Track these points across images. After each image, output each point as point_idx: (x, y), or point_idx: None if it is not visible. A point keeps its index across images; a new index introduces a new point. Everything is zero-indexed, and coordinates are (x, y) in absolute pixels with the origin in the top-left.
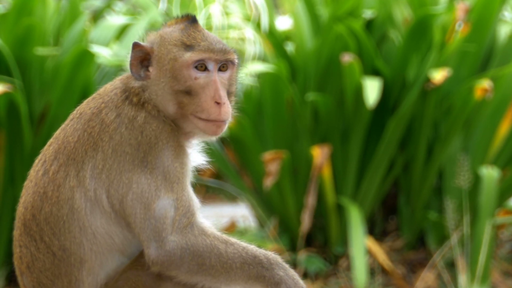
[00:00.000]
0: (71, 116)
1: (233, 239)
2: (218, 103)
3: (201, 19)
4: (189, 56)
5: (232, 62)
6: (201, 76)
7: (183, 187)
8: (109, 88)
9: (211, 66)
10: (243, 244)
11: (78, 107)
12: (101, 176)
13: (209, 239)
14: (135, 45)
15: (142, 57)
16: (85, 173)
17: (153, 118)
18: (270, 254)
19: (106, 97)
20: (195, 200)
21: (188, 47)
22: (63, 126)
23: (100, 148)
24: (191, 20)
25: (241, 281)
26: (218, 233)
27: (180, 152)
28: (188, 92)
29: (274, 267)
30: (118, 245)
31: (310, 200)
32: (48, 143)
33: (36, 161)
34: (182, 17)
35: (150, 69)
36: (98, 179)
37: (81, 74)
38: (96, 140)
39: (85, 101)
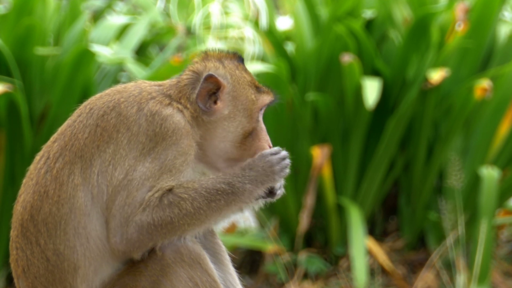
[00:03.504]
0: (78, 112)
1: (198, 184)
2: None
3: (199, 18)
4: (265, 99)
5: None
6: (261, 120)
7: (173, 177)
8: (131, 87)
9: (263, 111)
10: (205, 183)
11: (86, 102)
12: (108, 169)
13: (176, 206)
14: (210, 77)
15: (212, 90)
16: (94, 169)
17: (178, 113)
18: (229, 173)
19: (126, 93)
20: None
21: (259, 89)
22: (69, 122)
23: (114, 140)
24: (240, 59)
25: (217, 216)
26: (186, 187)
27: (187, 151)
28: (251, 133)
29: (238, 186)
30: (111, 251)
31: (309, 200)
32: (52, 139)
33: (38, 157)
34: (229, 53)
35: (219, 103)
36: (105, 172)
37: (81, 74)
38: (111, 132)
39: (97, 96)
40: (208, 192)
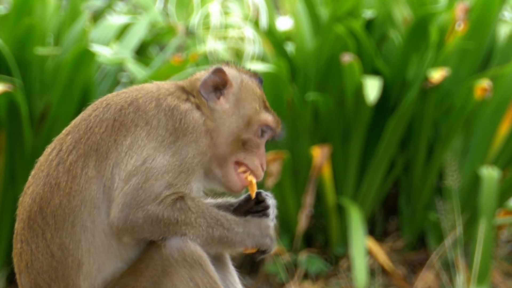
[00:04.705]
0: (94, 107)
1: (205, 206)
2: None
3: (199, 18)
4: (268, 118)
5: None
6: (261, 138)
7: (188, 179)
8: (149, 85)
9: (266, 135)
10: (211, 209)
11: (102, 98)
12: (124, 159)
13: (184, 213)
14: (219, 70)
15: (217, 83)
16: (110, 161)
17: (196, 109)
18: (230, 215)
19: (144, 91)
20: (194, 190)
21: (266, 108)
22: (83, 116)
23: (132, 133)
24: (260, 80)
25: (209, 241)
26: (196, 203)
27: (205, 151)
28: (244, 144)
29: (234, 227)
30: (115, 249)
31: (308, 200)
32: (65, 131)
33: (49, 149)
34: (250, 70)
35: (222, 99)
36: (120, 163)
37: (81, 74)
38: (129, 127)
39: (113, 94)
40: (211, 218)
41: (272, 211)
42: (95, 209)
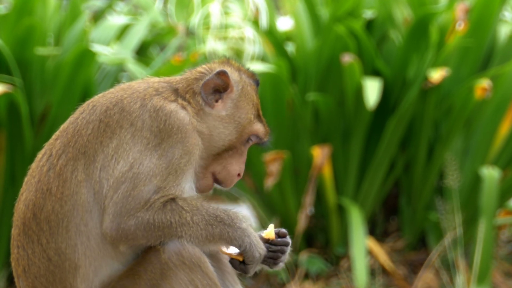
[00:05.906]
0: (81, 109)
1: (200, 204)
2: (238, 175)
3: (199, 18)
4: (260, 129)
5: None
6: (246, 146)
7: (177, 181)
8: (136, 84)
9: (252, 142)
10: (209, 206)
11: (89, 100)
12: (110, 163)
13: (177, 213)
14: (222, 73)
15: (219, 86)
16: (97, 164)
17: (182, 109)
18: (231, 210)
19: (130, 90)
20: (185, 190)
21: (259, 117)
22: (71, 119)
23: (117, 135)
24: (257, 82)
25: (209, 239)
26: (189, 202)
27: (192, 150)
28: (228, 150)
29: (236, 222)
30: (110, 251)
31: (308, 200)
32: (54, 136)
33: (39, 155)
34: (249, 70)
35: (220, 103)
36: (107, 166)
37: (82, 74)
38: (114, 128)
39: (100, 95)
40: (209, 215)
41: (288, 249)
42: (87, 213)
